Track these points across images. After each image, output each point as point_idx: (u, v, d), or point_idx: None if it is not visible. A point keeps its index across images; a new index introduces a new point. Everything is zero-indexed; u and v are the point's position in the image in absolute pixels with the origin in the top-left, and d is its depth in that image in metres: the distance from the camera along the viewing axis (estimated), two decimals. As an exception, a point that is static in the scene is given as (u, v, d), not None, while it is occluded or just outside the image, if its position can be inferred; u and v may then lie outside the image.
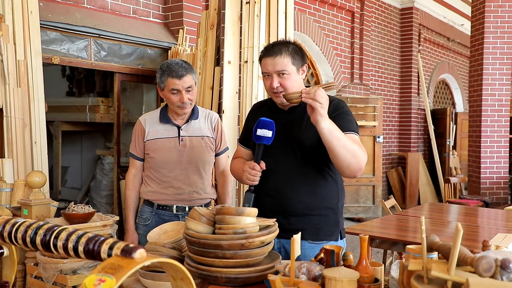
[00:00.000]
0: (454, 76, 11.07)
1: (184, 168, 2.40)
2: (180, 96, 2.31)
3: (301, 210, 1.88)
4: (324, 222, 1.90)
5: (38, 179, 2.50)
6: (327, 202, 1.90)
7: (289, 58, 1.85)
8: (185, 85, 2.31)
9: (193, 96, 2.37)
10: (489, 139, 6.27)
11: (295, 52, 1.88)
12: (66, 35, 4.23)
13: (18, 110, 3.31)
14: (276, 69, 1.85)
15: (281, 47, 1.86)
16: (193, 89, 2.35)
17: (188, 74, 2.32)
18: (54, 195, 5.76)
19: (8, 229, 0.97)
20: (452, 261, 1.01)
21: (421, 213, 3.87)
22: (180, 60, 2.36)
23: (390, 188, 8.63)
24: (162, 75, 2.33)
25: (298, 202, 1.87)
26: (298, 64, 1.88)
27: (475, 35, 6.43)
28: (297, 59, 1.88)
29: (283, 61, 1.84)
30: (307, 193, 1.84)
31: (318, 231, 1.88)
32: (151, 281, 1.53)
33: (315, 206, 1.88)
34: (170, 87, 2.31)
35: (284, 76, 1.85)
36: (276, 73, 1.85)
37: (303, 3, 6.83)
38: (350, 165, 1.74)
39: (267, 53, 1.88)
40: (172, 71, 2.30)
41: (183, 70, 2.30)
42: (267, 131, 1.83)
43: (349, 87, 7.68)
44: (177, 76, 2.29)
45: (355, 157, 1.73)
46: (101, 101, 5.84)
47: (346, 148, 1.70)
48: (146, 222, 2.43)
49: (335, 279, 1.20)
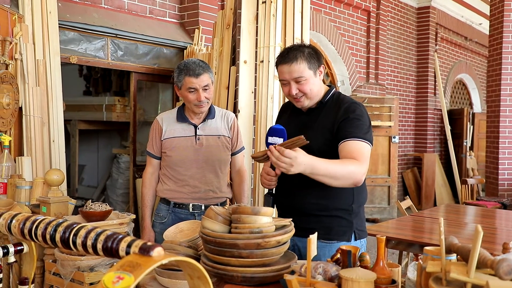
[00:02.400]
0: (471, 76, 10.92)
1: (200, 166, 2.41)
2: (197, 94, 2.32)
3: (313, 211, 1.90)
4: (336, 222, 1.90)
5: (57, 177, 2.53)
6: (340, 203, 1.90)
7: (305, 63, 1.84)
8: (202, 83, 2.32)
9: (210, 94, 2.38)
10: (507, 140, 6.18)
11: (311, 56, 1.86)
12: (84, 35, 4.28)
13: (36, 109, 3.35)
14: (293, 76, 1.85)
15: (296, 53, 1.85)
16: (210, 88, 2.36)
17: (205, 73, 2.33)
18: (71, 193, 5.84)
19: (28, 226, 0.98)
20: (472, 263, 1.00)
21: (437, 214, 3.83)
22: (197, 59, 2.37)
23: (406, 189, 8.55)
24: (180, 74, 2.35)
25: (310, 203, 1.89)
26: (314, 68, 1.87)
27: (494, 34, 6.33)
28: (313, 63, 1.86)
29: (300, 68, 1.84)
30: (319, 194, 1.84)
31: (329, 230, 1.88)
32: (167, 279, 1.54)
33: (327, 207, 1.89)
34: (188, 85, 2.32)
35: (302, 82, 1.86)
36: (294, 80, 1.86)
37: (318, 3, 6.81)
38: (343, 185, 1.76)
39: (283, 61, 1.87)
40: (190, 69, 2.31)
41: (200, 69, 2.31)
42: (277, 138, 1.86)
43: (364, 87, 7.63)
44: (194, 75, 2.30)
45: (346, 178, 1.74)
46: (117, 100, 5.89)
47: (335, 177, 1.71)
48: (163, 220, 2.46)
49: (352, 280, 1.19)
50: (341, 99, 1.93)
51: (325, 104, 1.93)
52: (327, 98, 1.94)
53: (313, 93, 1.89)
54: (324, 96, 1.94)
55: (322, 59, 1.93)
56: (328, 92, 1.96)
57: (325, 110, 1.92)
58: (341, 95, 1.98)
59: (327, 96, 1.94)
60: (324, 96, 1.94)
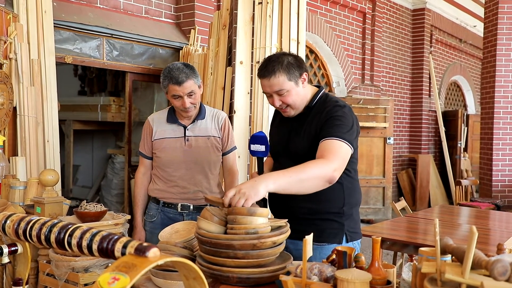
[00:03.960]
0: (466, 77, 10.97)
1: (189, 168, 2.42)
2: (182, 101, 2.32)
3: (305, 214, 1.90)
4: (327, 225, 1.90)
5: (51, 177, 2.51)
6: (330, 206, 1.90)
7: (284, 75, 1.82)
8: (186, 91, 2.29)
9: (195, 100, 2.36)
10: (501, 142, 6.21)
11: (290, 66, 1.83)
12: (79, 34, 4.26)
13: (31, 109, 3.34)
14: (274, 89, 1.84)
15: (274, 65, 1.82)
16: (195, 93, 2.34)
17: (189, 80, 2.29)
18: (66, 194, 5.81)
19: (23, 227, 0.98)
20: (467, 264, 1.01)
21: (431, 215, 3.84)
22: (182, 64, 2.33)
23: (400, 190, 8.58)
24: (164, 81, 2.33)
25: (301, 207, 1.90)
26: (295, 77, 1.84)
27: (488, 36, 6.37)
28: (293, 73, 1.83)
29: (279, 81, 1.82)
30: (310, 198, 1.82)
31: (321, 233, 1.87)
32: (162, 280, 1.54)
33: (318, 211, 1.89)
34: (172, 93, 2.32)
35: (284, 94, 1.84)
36: (275, 93, 1.85)
37: (314, 4, 6.82)
38: (317, 185, 1.69)
39: (262, 74, 1.85)
40: (173, 77, 2.28)
41: (183, 76, 2.27)
42: (259, 145, 1.87)
43: (360, 88, 7.65)
44: (177, 83, 2.27)
45: (314, 179, 1.66)
46: (112, 100, 5.88)
47: (302, 183, 1.63)
48: (152, 219, 2.49)
49: (347, 281, 1.20)
50: (326, 102, 1.91)
51: (312, 108, 1.92)
52: (315, 102, 1.92)
53: (296, 103, 1.88)
54: (312, 100, 1.92)
55: (304, 66, 1.89)
56: (316, 95, 1.93)
57: (311, 115, 1.90)
58: (328, 97, 1.95)
59: (315, 99, 1.92)
60: (312, 100, 1.92)
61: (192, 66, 2.37)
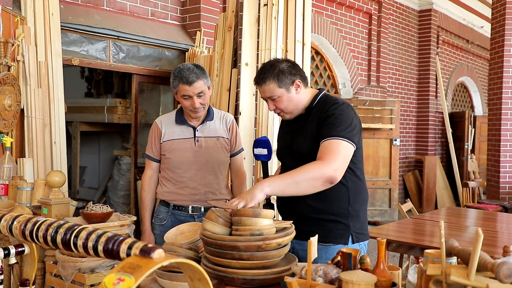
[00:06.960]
0: (473, 79, 10.92)
1: (199, 168, 2.42)
2: (191, 101, 2.33)
3: (309, 214, 1.91)
4: (333, 225, 1.91)
5: (58, 179, 2.53)
6: (335, 207, 1.90)
7: (274, 83, 1.90)
8: (196, 91, 2.31)
9: (205, 100, 2.37)
10: (509, 143, 6.17)
11: (281, 73, 1.90)
12: (86, 36, 4.29)
13: (38, 111, 3.36)
14: (266, 96, 1.95)
15: (265, 74, 1.92)
16: (205, 94, 2.36)
17: (199, 80, 2.31)
18: (72, 195, 5.84)
19: (29, 228, 0.99)
20: (472, 266, 1.00)
21: (438, 217, 3.82)
22: (192, 65, 2.35)
23: (407, 191, 8.54)
24: (174, 81, 2.35)
25: (306, 207, 1.91)
26: (286, 84, 1.91)
27: (496, 37, 6.33)
28: (283, 80, 1.90)
29: (269, 88, 1.91)
30: (314, 198, 1.84)
31: (327, 233, 1.88)
32: (168, 281, 1.55)
33: (324, 211, 1.90)
34: (182, 93, 2.33)
35: (276, 100, 1.93)
36: (268, 98, 1.95)
37: (320, 5, 6.82)
38: (315, 187, 1.75)
39: (255, 82, 1.97)
40: (183, 77, 2.30)
41: (193, 76, 2.30)
42: (262, 149, 1.96)
43: (366, 90, 7.64)
44: (187, 83, 2.29)
45: (312, 180, 1.72)
46: (119, 102, 5.90)
47: (297, 185, 1.71)
48: (162, 222, 2.46)
49: (352, 283, 1.19)
50: (325, 102, 1.94)
51: (313, 109, 1.95)
52: (315, 103, 1.95)
53: (289, 108, 1.95)
54: (312, 101, 1.96)
55: (299, 72, 1.95)
56: (316, 96, 1.97)
57: (312, 115, 1.94)
58: (328, 97, 1.98)
59: (315, 100, 1.96)
60: (312, 101, 1.96)
61: (202, 67, 2.39)
